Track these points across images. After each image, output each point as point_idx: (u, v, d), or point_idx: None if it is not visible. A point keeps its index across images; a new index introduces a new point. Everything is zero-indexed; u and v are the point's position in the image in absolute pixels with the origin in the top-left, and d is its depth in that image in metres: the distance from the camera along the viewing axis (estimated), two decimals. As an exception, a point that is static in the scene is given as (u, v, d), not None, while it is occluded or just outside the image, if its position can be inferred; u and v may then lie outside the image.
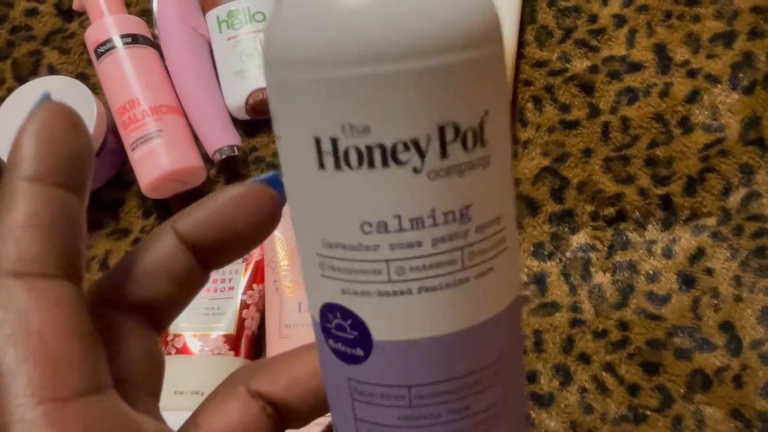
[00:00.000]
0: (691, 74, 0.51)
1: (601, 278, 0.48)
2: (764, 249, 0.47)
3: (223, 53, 0.53)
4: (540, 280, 0.48)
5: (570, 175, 0.50)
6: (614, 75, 0.51)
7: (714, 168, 0.48)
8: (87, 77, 0.56)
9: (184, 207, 0.56)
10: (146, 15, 0.55)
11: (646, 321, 0.47)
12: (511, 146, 0.17)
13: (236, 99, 0.52)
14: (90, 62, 0.55)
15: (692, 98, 0.50)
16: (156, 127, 0.50)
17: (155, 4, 0.54)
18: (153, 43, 0.53)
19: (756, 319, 0.46)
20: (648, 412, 0.45)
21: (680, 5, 0.52)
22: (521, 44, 0.53)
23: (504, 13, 0.51)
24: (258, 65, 0.52)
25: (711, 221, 0.48)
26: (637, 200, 0.48)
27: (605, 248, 0.48)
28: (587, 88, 0.51)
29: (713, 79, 0.50)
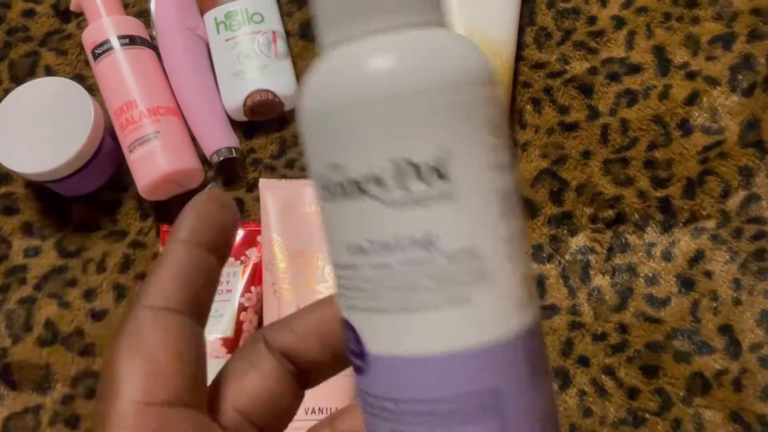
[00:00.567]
0: (691, 76, 0.50)
1: (601, 281, 0.48)
2: (763, 252, 0.47)
3: (221, 54, 0.53)
4: (539, 283, 0.48)
5: (569, 177, 0.50)
6: (613, 77, 0.51)
7: (713, 170, 0.48)
8: (84, 78, 0.55)
9: (182, 209, 0.55)
10: (144, 16, 0.55)
11: (646, 324, 0.46)
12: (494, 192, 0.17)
13: (234, 100, 0.52)
14: (87, 63, 0.55)
15: (691, 100, 0.50)
16: (153, 129, 0.50)
17: (153, 5, 0.53)
18: (150, 45, 0.53)
19: (755, 322, 0.46)
20: (647, 416, 0.45)
21: (679, 7, 0.52)
22: (520, 46, 0.52)
23: (503, 15, 0.51)
24: (256, 66, 0.52)
25: (710, 224, 0.48)
26: (637, 203, 0.48)
27: (604, 251, 0.48)
28: (586, 90, 0.51)
29: (712, 82, 0.50)
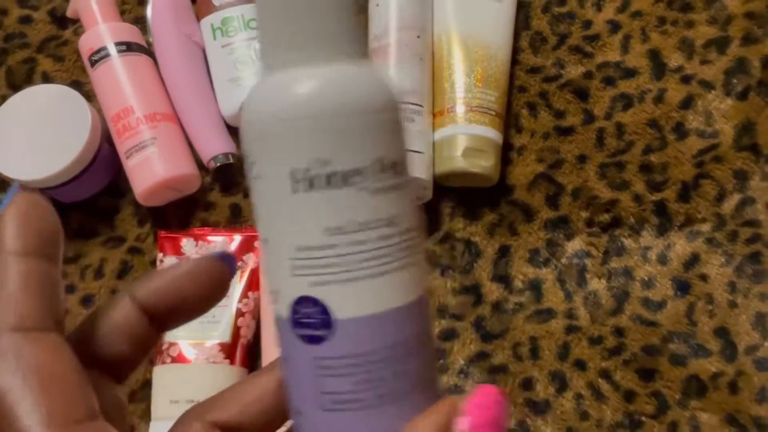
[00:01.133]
0: (686, 80, 0.51)
1: (597, 284, 0.48)
2: (759, 254, 0.47)
3: (218, 61, 0.53)
4: (535, 287, 0.48)
5: (565, 182, 0.50)
6: (609, 81, 0.51)
7: (708, 174, 0.49)
8: (81, 85, 0.55)
9: (179, 214, 0.55)
10: (140, 22, 0.55)
11: (642, 327, 0.47)
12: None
13: (231, 106, 0.52)
14: (84, 70, 0.55)
15: (686, 104, 0.50)
16: (150, 135, 0.50)
17: (149, 12, 0.54)
18: (147, 51, 0.53)
19: (751, 325, 0.46)
20: (644, 419, 0.45)
21: (674, 11, 0.52)
22: (516, 50, 0.53)
23: (498, 20, 0.51)
24: (253, 72, 0.52)
25: (705, 227, 0.48)
26: (632, 206, 0.49)
27: (600, 254, 0.48)
28: (582, 95, 0.51)
29: (707, 85, 0.50)
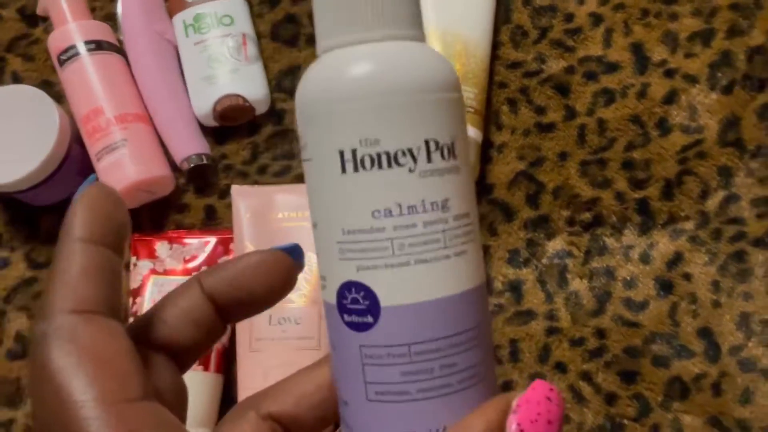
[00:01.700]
0: (669, 74, 0.49)
1: (578, 285, 0.47)
2: (743, 253, 0.46)
3: (190, 58, 0.51)
4: (515, 288, 0.47)
5: (546, 180, 0.49)
6: (590, 76, 0.50)
7: (692, 171, 0.47)
8: (52, 84, 0.54)
9: (152, 217, 0.54)
10: (112, 19, 0.54)
11: (624, 328, 0.46)
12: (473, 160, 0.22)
13: (204, 106, 0.50)
14: (55, 69, 0.54)
15: (670, 99, 0.49)
16: (121, 137, 0.49)
17: (119, 9, 0.52)
18: (118, 49, 0.52)
19: (735, 325, 0.45)
20: (625, 422, 0.44)
21: (657, 3, 0.51)
22: (496, 45, 0.51)
23: (477, 14, 0.50)
24: (226, 70, 0.50)
25: (689, 225, 0.47)
26: (614, 205, 0.48)
27: (582, 254, 0.47)
28: (563, 90, 0.50)
29: (691, 79, 0.49)
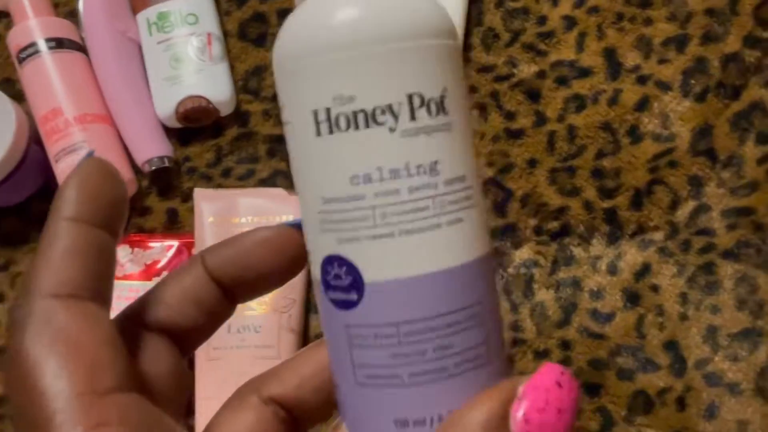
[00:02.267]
0: (642, 80, 0.48)
1: (544, 295, 0.46)
2: (711, 265, 0.45)
3: (153, 58, 0.50)
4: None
5: (514, 187, 0.48)
6: (562, 81, 0.49)
7: (662, 180, 0.47)
8: (13, 82, 0.53)
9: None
10: (76, 16, 0.53)
11: (589, 340, 0.45)
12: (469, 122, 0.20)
13: (166, 107, 0.49)
14: (17, 66, 0.52)
15: (642, 106, 0.48)
16: (81, 138, 0.48)
17: (80, 6, 0.51)
18: (81, 48, 0.51)
19: (701, 338, 0.44)
20: (589, 436, 0.44)
21: (632, 6, 0.50)
22: (467, 48, 0.50)
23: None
24: (189, 70, 0.49)
25: (658, 236, 0.46)
26: (582, 214, 0.47)
27: (549, 264, 0.46)
28: (533, 95, 0.49)
29: (664, 86, 0.48)
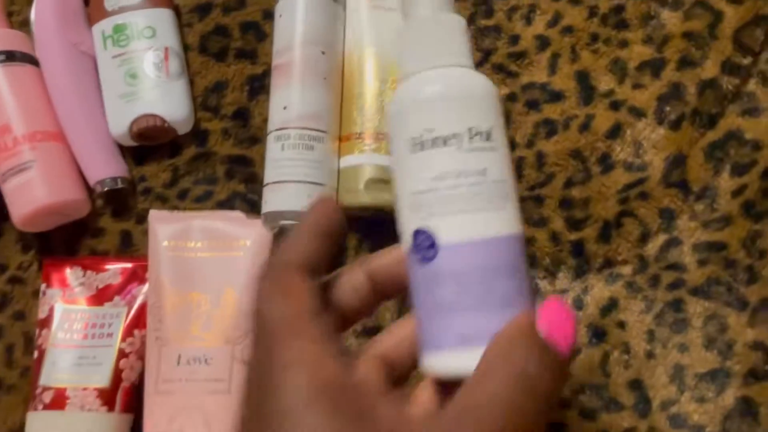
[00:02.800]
0: (615, 106, 0.47)
1: (507, 330, 0.44)
2: (680, 302, 0.43)
3: (108, 73, 0.48)
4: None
5: (480, 215, 0.46)
6: (533, 104, 0.47)
7: (632, 212, 0.45)
8: (-35, 93, 0.51)
9: (66, 241, 0.50)
10: (28, 26, 0.50)
11: (553, 378, 0.43)
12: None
13: (120, 125, 0.47)
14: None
15: (614, 133, 0.46)
16: (30, 157, 0.46)
17: (32, 16, 0.49)
18: (34, 60, 0.49)
19: (668, 378, 0.43)
20: (549, 478, 0.42)
21: (608, 27, 0.48)
22: (435, 67, 0.48)
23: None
24: (145, 87, 0.47)
25: (626, 270, 0.44)
26: (549, 246, 0.45)
27: (513, 297, 0.45)
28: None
29: (638, 112, 0.46)
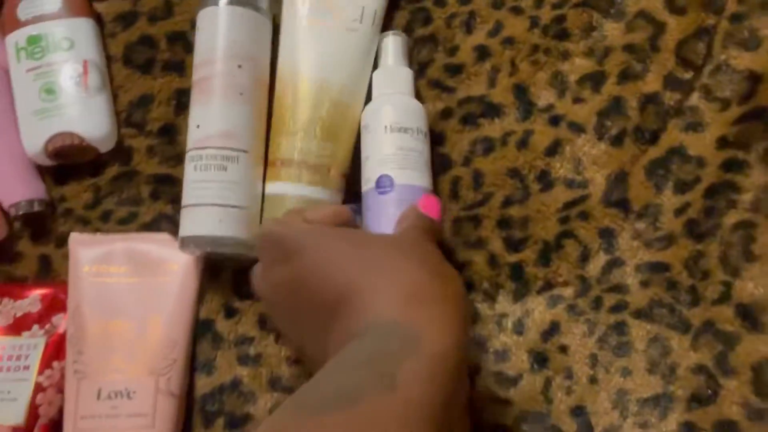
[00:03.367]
0: (554, 121, 0.45)
1: (445, 356, 0.43)
2: (623, 324, 0.42)
3: (22, 88, 0.45)
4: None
5: (417, 236, 0.44)
6: (469, 120, 0.46)
7: (572, 233, 0.43)
8: None
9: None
10: (-61, 37, 0.47)
11: (493, 405, 0.42)
12: None
13: (35, 144, 0.44)
14: None
15: (553, 149, 0.45)
16: (-65, 179, 0.43)
17: (-60, 28, 0.46)
18: (-57, 73, 0.45)
19: (611, 404, 0.41)
20: None
21: (548, 38, 0.46)
22: (371, 85, 0.46)
23: (352, 54, 0.45)
24: (61, 103, 0.44)
25: (568, 291, 0.43)
26: (486, 270, 0.43)
27: (451, 322, 0.43)
28: (437, 137, 0.45)
29: (578, 128, 0.45)
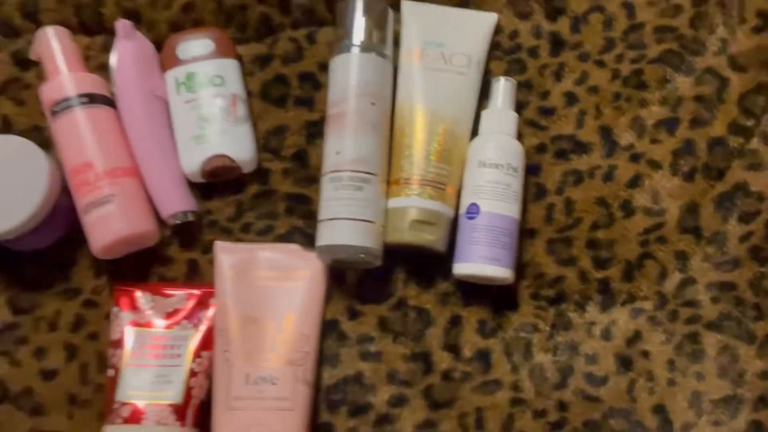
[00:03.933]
0: (635, 158, 0.53)
1: (543, 358, 0.49)
2: (697, 335, 0.49)
3: (181, 116, 0.53)
4: (483, 357, 0.49)
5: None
6: (561, 155, 0.53)
7: (651, 254, 0.50)
8: (41, 130, 0.55)
9: (136, 268, 0.55)
10: (104, 69, 0.55)
11: (584, 402, 0.48)
12: None
13: (192, 164, 0.52)
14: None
15: (634, 182, 0.52)
16: (110, 191, 0.50)
17: (113, 63, 0.53)
18: (111, 102, 0.53)
19: (687, 403, 0.48)
20: (581, 491, 0.47)
21: (629, 88, 0.54)
22: (477, 121, 0.54)
23: (461, 93, 0.52)
24: (215, 130, 0.52)
25: (648, 305, 0.50)
26: (576, 284, 0.50)
27: (547, 328, 0.50)
28: (534, 168, 0.53)
29: (655, 164, 0.52)
